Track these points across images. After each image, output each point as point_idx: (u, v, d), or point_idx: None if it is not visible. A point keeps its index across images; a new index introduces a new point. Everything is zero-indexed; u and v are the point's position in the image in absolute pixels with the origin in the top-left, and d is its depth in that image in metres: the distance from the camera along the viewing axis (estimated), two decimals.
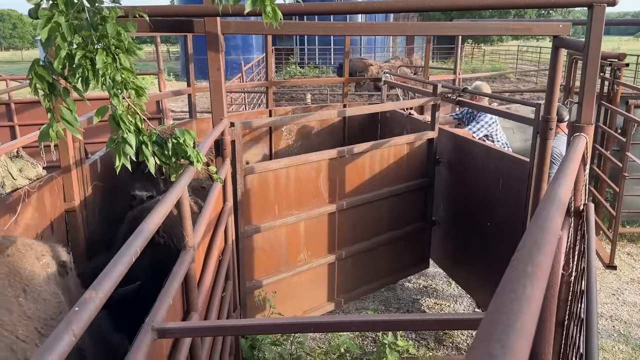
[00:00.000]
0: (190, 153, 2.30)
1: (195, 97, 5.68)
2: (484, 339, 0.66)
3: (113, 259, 1.36)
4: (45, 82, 1.77)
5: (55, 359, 0.98)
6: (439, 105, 4.88)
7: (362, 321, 1.44)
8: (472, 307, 4.99)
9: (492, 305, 0.77)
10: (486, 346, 0.64)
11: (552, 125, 3.58)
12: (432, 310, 4.93)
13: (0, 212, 2.65)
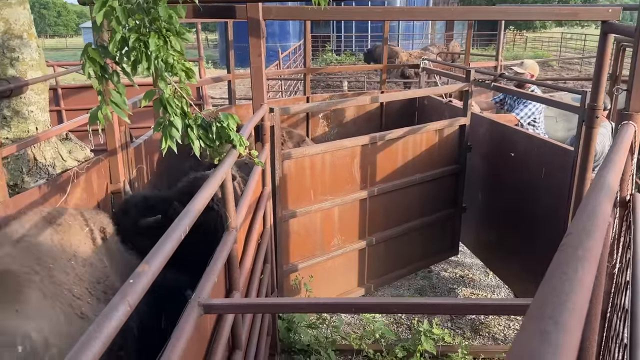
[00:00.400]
0: (234, 137, 2.34)
1: (235, 83, 5.74)
2: (535, 318, 0.67)
3: (163, 236, 1.42)
4: (98, 65, 1.84)
5: (113, 326, 1.04)
6: (471, 92, 4.80)
7: (403, 303, 1.46)
8: (510, 297, 4.92)
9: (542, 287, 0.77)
10: (538, 324, 0.65)
11: (599, 114, 3.49)
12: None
13: (51, 191, 2.77)
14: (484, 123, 4.90)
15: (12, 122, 2.70)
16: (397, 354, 3.92)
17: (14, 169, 2.73)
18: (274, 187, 3.84)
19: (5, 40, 2.59)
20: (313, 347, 3.96)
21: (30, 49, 2.70)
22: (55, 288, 1.88)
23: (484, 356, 4.05)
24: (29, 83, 2.62)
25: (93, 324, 1.02)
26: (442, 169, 4.82)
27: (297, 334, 4.09)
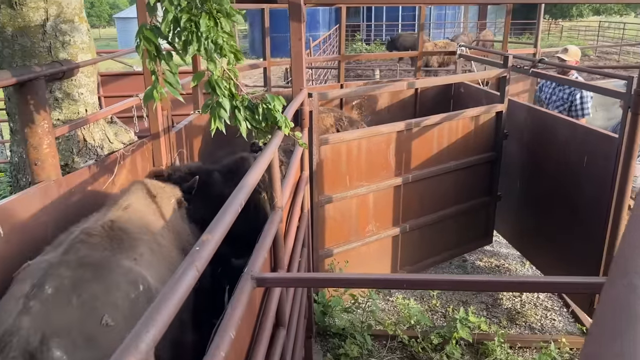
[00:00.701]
0: (279, 118, 2.37)
1: (270, 70, 5.78)
2: (619, 275, 0.67)
3: (222, 208, 1.46)
4: (152, 45, 1.88)
5: (184, 289, 1.08)
6: (509, 78, 4.72)
7: (454, 280, 1.46)
8: None
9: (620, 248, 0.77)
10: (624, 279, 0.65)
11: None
12: (504, 292, 4.85)
13: (100, 172, 2.85)
14: (523, 110, 4.82)
15: (63, 104, 2.79)
16: (432, 340, 3.93)
17: (65, 150, 2.82)
18: (311, 172, 3.87)
19: (57, 23, 2.67)
20: (348, 331, 4.00)
21: (80, 33, 2.78)
22: (158, 247, 2.29)
23: (521, 345, 4.03)
24: (80, 65, 2.70)
25: (166, 286, 1.07)
26: (477, 156, 4.78)
27: (332, 317, 4.13)
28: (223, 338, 1.35)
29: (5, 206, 2.13)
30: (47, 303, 1.67)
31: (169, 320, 0.98)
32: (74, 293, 1.73)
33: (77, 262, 1.85)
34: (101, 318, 1.72)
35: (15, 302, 1.67)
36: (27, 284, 1.73)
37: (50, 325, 1.62)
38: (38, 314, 1.63)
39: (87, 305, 1.73)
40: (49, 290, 1.70)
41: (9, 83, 2.18)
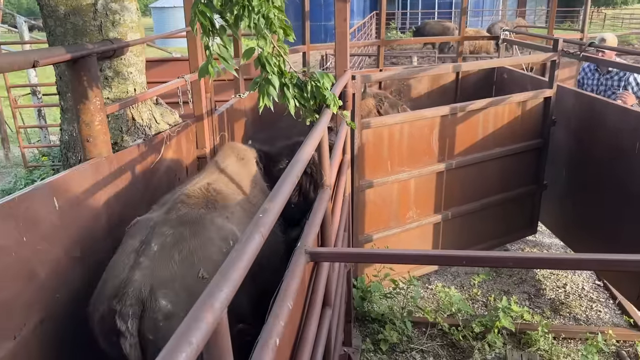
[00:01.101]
0: (328, 96, 2.34)
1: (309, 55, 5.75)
2: None
3: (281, 178, 1.45)
4: (207, 19, 1.88)
5: (251, 252, 1.07)
6: (558, 62, 4.56)
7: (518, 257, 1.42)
8: (592, 279, 4.73)
9: None
10: None
11: None
12: (547, 280, 4.73)
13: (147, 151, 2.89)
14: (570, 95, 4.66)
15: (113, 83, 2.83)
16: (473, 328, 3.86)
17: (114, 128, 2.87)
18: (352, 156, 3.84)
19: (108, 2, 2.70)
20: (387, 317, 3.97)
21: (130, 12, 2.81)
22: (249, 205, 2.53)
23: (565, 336, 3.93)
24: (130, 44, 2.73)
25: (233, 250, 1.06)
26: (523, 143, 4.65)
27: (371, 303, 4.11)
28: (281, 308, 1.35)
29: (59, 180, 2.17)
30: (154, 259, 1.94)
31: (239, 281, 0.98)
32: (175, 249, 1.98)
33: (177, 220, 2.09)
34: (198, 272, 1.97)
35: (127, 256, 1.97)
36: (136, 240, 2.02)
37: (156, 278, 1.90)
38: (147, 268, 1.91)
39: (186, 260, 1.97)
40: (155, 248, 1.97)
41: (63, 59, 2.21)
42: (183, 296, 1.90)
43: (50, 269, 2.05)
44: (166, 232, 2.03)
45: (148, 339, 1.86)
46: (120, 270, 1.93)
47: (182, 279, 1.93)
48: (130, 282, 1.87)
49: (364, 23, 20.43)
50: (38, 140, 8.90)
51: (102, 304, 1.90)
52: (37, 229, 1.97)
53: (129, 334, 1.83)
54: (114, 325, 1.83)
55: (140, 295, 1.85)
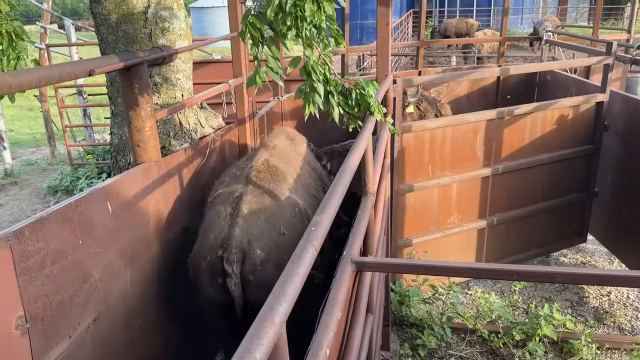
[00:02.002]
0: (372, 103, 2.35)
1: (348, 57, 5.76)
2: None
3: (329, 191, 1.47)
4: (258, 30, 1.91)
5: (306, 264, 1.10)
6: (612, 66, 4.43)
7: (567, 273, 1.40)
8: (638, 288, 4.59)
9: None
10: None
11: None
12: (591, 287, 4.61)
13: (194, 154, 2.96)
14: (617, 99, 4.53)
15: (162, 89, 2.91)
16: (514, 336, 3.80)
17: (162, 133, 2.95)
18: (392, 160, 3.83)
19: (158, 10, 2.78)
20: (426, 322, 3.95)
21: (179, 20, 2.88)
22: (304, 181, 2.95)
23: (609, 346, 3.82)
24: (179, 51, 2.80)
25: (289, 264, 1.09)
26: (573, 149, 4.53)
27: (409, 307, 4.10)
28: (331, 317, 1.37)
29: (112, 185, 2.25)
30: (247, 220, 2.45)
31: (296, 294, 1.01)
32: (261, 213, 2.50)
33: (258, 191, 2.60)
34: (279, 229, 2.50)
35: (224, 219, 2.47)
36: (227, 207, 2.52)
37: (252, 234, 2.42)
38: (243, 226, 2.42)
39: (270, 221, 2.50)
40: (246, 211, 2.47)
41: (117, 67, 2.29)
42: (272, 246, 2.44)
43: (103, 270, 2.13)
44: (252, 200, 2.53)
45: (248, 279, 2.36)
46: (220, 228, 2.44)
47: (269, 234, 2.46)
48: (233, 236, 2.37)
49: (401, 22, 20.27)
50: (83, 138, 9.20)
51: (210, 253, 2.39)
52: (92, 232, 2.05)
53: (234, 275, 2.32)
54: (221, 268, 2.32)
55: (242, 246, 2.37)
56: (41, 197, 7.39)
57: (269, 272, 2.39)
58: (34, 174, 8.40)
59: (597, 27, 6.14)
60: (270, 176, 2.72)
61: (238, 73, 3.67)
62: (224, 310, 2.41)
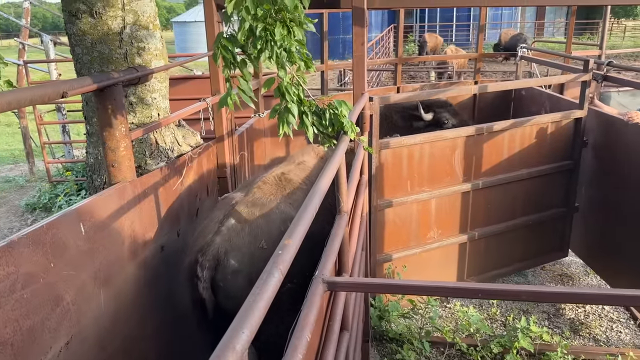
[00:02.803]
0: (346, 123, 2.38)
1: (328, 74, 5.82)
2: None
3: (297, 215, 1.49)
4: (230, 53, 1.94)
5: (271, 290, 1.12)
6: (590, 82, 4.54)
7: (532, 291, 1.43)
8: None
9: None
10: None
11: None
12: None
13: (170, 173, 2.96)
14: (591, 115, 4.64)
15: (137, 108, 2.91)
16: (492, 349, 3.85)
17: (138, 152, 2.95)
18: (370, 176, 3.87)
19: (133, 31, 2.79)
20: (405, 336, 3.97)
21: (155, 39, 2.90)
22: None
23: (585, 357, 3.88)
24: (154, 71, 2.81)
25: (254, 288, 1.11)
26: (553, 164, 4.61)
27: (389, 322, 4.11)
28: (300, 340, 1.38)
29: (85, 206, 2.24)
30: (230, 230, 2.57)
31: (260, 321, 1.02)
32: (247, 225, 2.60)
33: (251, 202, 2.69)
34: (260, 242, 2.56)
35: (213, 224, 2.62)
36: (221, 213, 2.67)
37: (230, 244, 2.53)
38: (224, 236, 2.55)
39: (252, 233, 2.58)
40: (232, 221, 2.59)
41: (90, 89, 2.30)
42: (247, 258, 2.54)
43: (76, 293, 2.12)
44: (242, 210, 2.65)
45: (218, 285, 2.52)
46: (207, 233, 2.60)
47: (248, 247, 2.56)
48: (213, 244, 2.52)
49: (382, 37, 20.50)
50: (62, 155, 9.11)
51: (191, 255, 2.58)
52: (64, 255, 2.04)
53: (203, 280, 2.49)
54: (196, 271, 2.49)
55: (217, 254, 2.51)
56: (19, 214, 7.28)
57: (239, 282, 2.53)
58: (11, 191, 8.29)
59: (569, 44, 6.29)
60: (276, 189, 2.83)
61: (216, 90, 3.69)
62: (198, 308, 2.59)
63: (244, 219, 2.62)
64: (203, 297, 2.50)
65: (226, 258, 2.52)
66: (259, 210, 2.67)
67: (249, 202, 2.70)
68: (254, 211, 2.65)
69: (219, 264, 2.52)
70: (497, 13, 28.00)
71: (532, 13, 29.27)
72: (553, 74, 9.68)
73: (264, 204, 2.71)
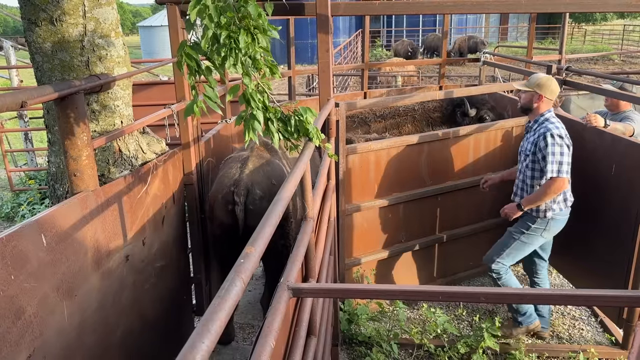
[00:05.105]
0: (311, 130, 2.41)
1: (295, 79, 5.85)
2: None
3: (262, 221, 1.51)
4: (194, 61, 1.94)
5: (233, 299, 1.13)
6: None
7: (492, 293, 1.48)
8: None
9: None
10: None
11: None
12: None
13: (134, 182, 2.93)
14: None
15: (100, 116, 2.87)
16: (459, 349, 3.92)
17: (101, 160, 2.91)
18: (337, 181, 3.90)
19: (95, 38, 2.76)
20: (374, 339, 4.01)
21: (116, 47, 2.86)
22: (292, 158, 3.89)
23: (548, 355, 3.99)
24: (117, 79, 2.78)
25: (215, 298, 1.11)
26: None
27: (358, 326, 4.15)
28: (264, 347, 1.39)
29: (47, 217, 2.20)
30: (251, 171, 3.49)
31: (220, 330, 1.02)
32: (261, 168, 3.55)
33: (258, 156, 3.66)
34: (271, 180, 3.51)
35: (235, 169, 3.52)
36: (237, 162, 3.59)
37: (254, 180, 3.45)
38: (248, 175, 3.46)
39: (266, 174, 3.53)
40: (250, 166, 3.53)
41: (50, 98, 2.26)
42: (266, 190, 3.43)
43: (38, 305, 2.08)
44: (255, 160, 3.59)
45: (249, 208, 3.38)
46: (232, 175, 3.47)
47: (265, 182, 3.48)
48: (242, 179, 3.41)
49: (350, 41, 20.68)
50: (25, 163, 8.88)
51: (225, 189, 3.41)
52: (25, 267, 2.00)
53: (240, 204, 3.34)
54: (232, 199, 3.35)
55: (247, 186, 3.40)
56: None
57: (263, 205, 3.27)
58: None
59: (530, 49, 6.48)
60: (268, 151, 3.77)
61: (181, 97, 3.67)
62: (229, 231, 3.40)
63: (259, 165, 3.55)
64: (239, 218, 3.34)
65: (253, 188, 3.40)
66: (265, 160, 3.63)
67: (256, 155, 3.64)
68: (261, 161, 3.61)
69: (249, 193, 3.38)
70: (462, 18, 28.59)
71: (496, 18, 29.98)
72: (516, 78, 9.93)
73: (266, 157, 3.68)
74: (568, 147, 3.65)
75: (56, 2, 2.61)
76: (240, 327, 4.43)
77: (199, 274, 3.97)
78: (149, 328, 3.15)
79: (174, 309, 3.64)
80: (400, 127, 5.48)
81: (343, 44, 20.14)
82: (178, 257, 3.70)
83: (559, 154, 3.57)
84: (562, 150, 3.58)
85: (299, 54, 15.25)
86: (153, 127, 3.81)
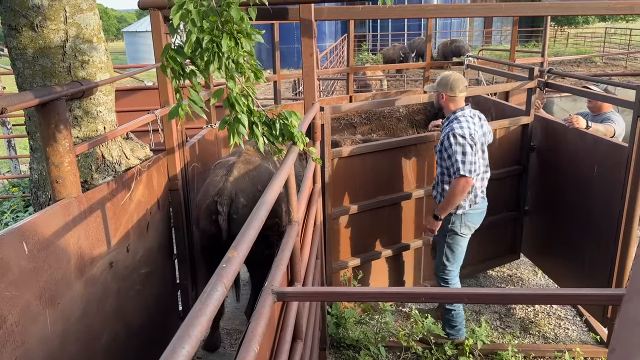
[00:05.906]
0: (296, 134, 2.41)
1: (281, 83, 5.85)
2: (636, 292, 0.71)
3: (245, 225, 1.50)
4: (178, 65, 1.94)
5: (214, 304, 1.12)
6: (535, 89, 4.72)
7: (475, 294, 1.49)
8: None
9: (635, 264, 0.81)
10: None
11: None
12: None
13: (118, 188, 2.91)
14: (536, 120, 4.82)
15: (82, 122, 2.85)
16: (446, 351, 3.93)
17: (84, 167, 2.88)
18: (323, 185, 3.91)
19: (77, 44, 2.74)
20: (362, 342, 4.01)
21: (99, 52, 2.85)
22: None
23: (535, 355, 4.02)
24: (99, 84, 2.76)
25: (197, 302, 1.11)
26: (503, 169, 4.72)
27: (345, 329, 4.15)
28: (248, 352, 1.38)
29: (28, 224, 2.18)
30: (236, 179, 3.44)
31: (201, 335, 1.02)
32: (246, 175, 3.50)
33: (245, 161, 3.62)
34: (257, 186, 3.46)
35: (220, 177, 3.46)
36: (223, 169, 3.53)
37: (239, 187, 3.41)
38: (232, 183, 3.40)
39: (251, 180, 3.49)
40: (235, 173, 3.47)
41: (31, 104, 2.24)
42: (251, 197, 3.38)
43: (20, 313, 2.05)
44: (241, 166, 3.54)
45: (232, 217, 3.34)
46: (217, 183, 3.42)
47: (250, 189, 3.44)
48: (226, 188, 3.36)
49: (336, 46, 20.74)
50: (8, 171, 8.76)
51: (209, 198, 3.37)
52: (6, 275, 1.98)
53: (223, 214, 3.30)
54: (216, 209, 3.30)
55: (231, 195, 3.36)
56: None
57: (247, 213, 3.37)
58: None
59: (513, 52, 6.55)
60: (256, 154, 3.76)
61: (165, 102, 3.65)
62: (214, 240, 3.38)
63: (244, 171, 3.51)
64: (222, 227, 3.31)
65: (237, 197, 3.37)
66: (252, 165, 3.59)
67: (243, 160, 3.61)
68: (248, 166, 3.57)
69: (232, 202, 3.35)
70: (447, 22, 28.84)
71: (480, 22, 30.28)
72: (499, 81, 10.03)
73: (253, 162, 3.64)
74: (471, 146, 3.63)
75: (37, 8, 2.59)
76: (228, 333, 4.41)
77: (185, 279, 3.95)
78: (134, 335, 3.12)
79: (160, 316, 3.61)
80: (386, 129, 5.50)
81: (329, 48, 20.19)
82: (163, 263, 3.67)
83: (461, 153, 3.59)
84: (465, 150, 3.59)
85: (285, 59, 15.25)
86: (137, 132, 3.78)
